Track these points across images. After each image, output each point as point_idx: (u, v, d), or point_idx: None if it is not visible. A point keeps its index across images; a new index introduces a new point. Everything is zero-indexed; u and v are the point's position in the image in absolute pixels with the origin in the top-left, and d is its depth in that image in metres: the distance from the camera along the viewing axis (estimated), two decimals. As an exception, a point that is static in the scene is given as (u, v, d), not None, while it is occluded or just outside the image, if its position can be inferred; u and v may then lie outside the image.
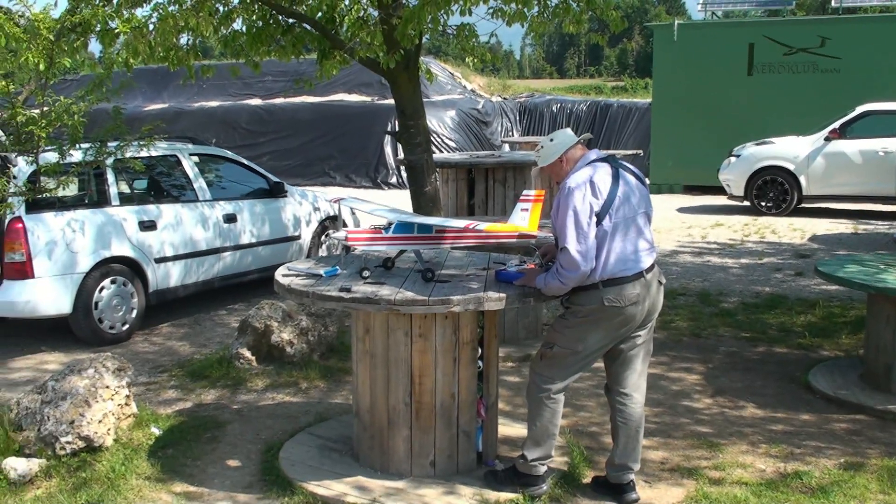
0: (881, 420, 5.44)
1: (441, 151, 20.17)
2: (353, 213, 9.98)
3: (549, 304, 6.07)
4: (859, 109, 14.28)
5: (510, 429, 5.09)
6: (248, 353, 6.56)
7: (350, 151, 21.34)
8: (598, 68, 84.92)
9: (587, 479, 4.57)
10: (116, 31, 6.69)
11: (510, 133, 23.21)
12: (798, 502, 4.31)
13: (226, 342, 7.23)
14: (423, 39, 8.00)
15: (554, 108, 23.50)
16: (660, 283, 4.30)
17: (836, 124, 14.33)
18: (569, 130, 4.40)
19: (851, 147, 14.18)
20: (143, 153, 7.64)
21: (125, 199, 7.72)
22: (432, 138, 19.84)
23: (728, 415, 5.60)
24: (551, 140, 4.34)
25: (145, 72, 23.50)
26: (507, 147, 19.99)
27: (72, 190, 7.79)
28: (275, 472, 4.67)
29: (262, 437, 5.26)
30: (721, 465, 4.78)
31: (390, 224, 4.62)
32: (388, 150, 20.80)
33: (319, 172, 21.29)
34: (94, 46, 7.46)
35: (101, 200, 7.52)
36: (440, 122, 21.52)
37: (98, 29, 6.75)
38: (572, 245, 4.01)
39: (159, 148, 8.18)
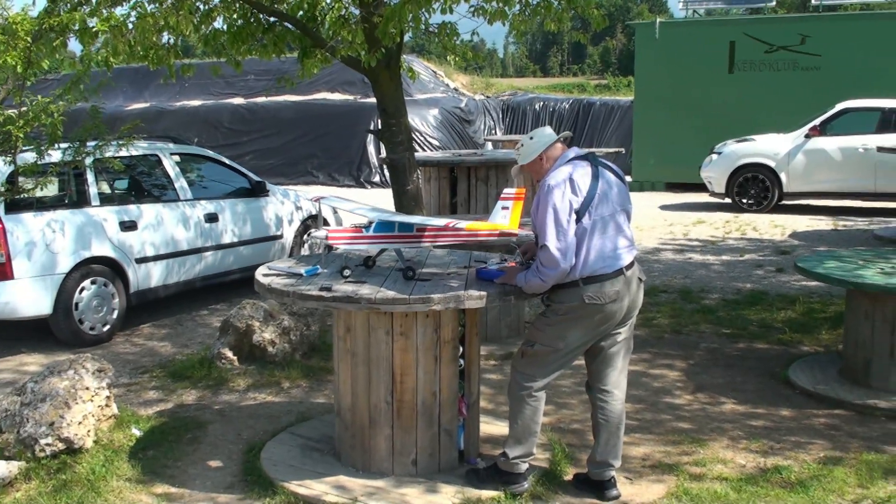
0: (860, 415, 5.48)
1: (424, 150, 20.16)
2: (335, 213, 9.97)
3: (532, 302, 6.09)
4: (839, 106, 14.38)
5: (492, 427, 5.10)
6: (229, 353, 6.54)
7: (333, 150, 21.31)
8: (581, 66, 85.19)
9: (569, 477, 4.58)
10: (95, 29, 6.64)
11: (493, 131, 23.23)
12: (777, 497, 4.34)
13: (207, 342, 7.20)
14: (405, 38, 7.99)
15: (537, 107, 23.53)
16: (640, 280, 4.31)
17: (817, 121, 14.43)
18: (548, 129, 4.42)
19: (831, 144, 14.27)
20: (123, 153, 7.60)
21: (105, 199, 7.68)
22: (415, 137, 19.85)
23: (709, 411, 5.63)
24: (531, 138, 4.35)
25: (126, 71, 23.39)
26: (489, 145, 20.02)
27: (51, 190, 7.74)
28: (256, 472, 4.66)
29: (243, 437, 5.25)
30: (702, 461, 4.80)
31: (371, 223, 4.62)
32: (371, 148, 20.77)
33: (302, 171, 21.24)
34: (76, 45, 7.42)
35: (80, 200, 7.47)
36: (423, 121, 21.51)
37: (77, 28, 6.70)
38: (552, 243, 4.02)
39: (140, 147, 8.15)
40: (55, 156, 6.68)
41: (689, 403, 5.79)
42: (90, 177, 7.53)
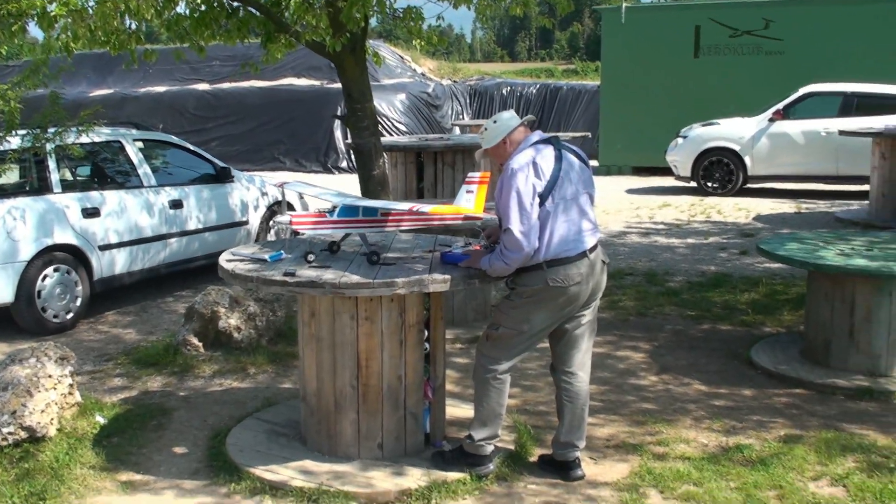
0: (820, 394, 5.57)
1: (391, 135, 20.09)
2: (301, 198, 9.93)
3: (498, 286, 6.11)
4: (802, 91, 14.52)
5: (458, 410, 5.12)
6: (195, 340, 6.50)
7: (300, 136, 21.19)
8: (549, 51, 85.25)
9: (534, 458, 4.62)
10: (54, 14, 6.55)
11: (461, 116, 23.21)
12: (739, 475, 4.40)
13: (172, 329, 7.16)
14: (371, 22, 7.97)
15: (504, 91, 23.54)
16: (603, 262, 4.35)
17: (780, 105, 14.56)
18: (511, 112, 4.42)
19: (794, 128, 14.42)
20: (86, 139, 7.51)
21: (67, 186, 7.59)
22: (383, 122, 19.80)
23: (673, 392, 5.70)
24: (494, 122, 4.36)
25: (89, 57, 23.08)
26: (457, 130, 19.99)
27: (12, 177, 7.63)
28: (222, 457, 4.65)
29: (209, 423, 5.24)
30: (665, 441, 4.86)
31: (335, 207, 4.61)
32: (338, 134, 20.69)
33: (269, 158, 21.11)
34: (38, 32, 7.31)
35: (42, 187, 7.38)
36: (390, 106, 21.45)
37: (35, 13, 6.60)
38: (515, 226, 4.04)
39: (102, 134, 8.06)
40: (14, 142, 6.58)
41: (653, 385, 5.85)
42: (51, 164, 7.42)
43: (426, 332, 4.59)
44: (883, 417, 5.18)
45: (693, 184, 15.25)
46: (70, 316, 7.40)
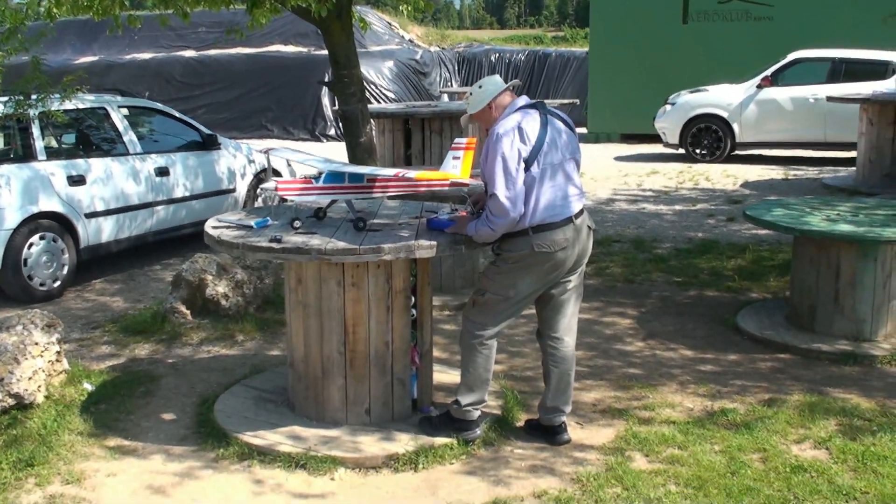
0: (804, 358, 5.62)
1: (379, 102, 19.99)
2: (289, 165, 9.85)
3: (486, 252, 6.12)
4: (790, 57, 14.49)
5: (445, 376, 5.14)
6: (182, 308, 6.50)
7: (287, 103, 21.04)
8: (538, 18, 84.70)
9: (521, 423, 4.66)
10: (35, -22, 6.48)
11: (449, 83, 23.09)
12: (723, 438, 4.45)
13: (160, 297, 7.15)
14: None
15: (492, 58, 23.42)
16: (589, 228, 4.35)
17: (768, 72, 14.53)
18: (497, 77, 4.40)
19: (782, 94, 14.41)
20: (70, 106, 7.44)
21: (52, 154, 7.54)
22: (370, 89, 19.68)
23: (659, 357, 5.74)
24: (480, 87, 4.34)
25: (74, 23, 22.80)
26: (445, 97, 19.92)
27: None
28: (210, 424, 4.66)
29: (196, 390, 5.25)
30: (651, 406, 4.90)
31: (321, 174, 4.60)
32: (326, 101, 20.55)
33: (256, 125, 20.97)
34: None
35: (26, 155, 7.32)
36: (378, 73, 21.31)
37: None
38: (501, 191, 4.03)
39: (86, 101, 7.99)
40: (-3, 109, 6.53)
41: (639, 350, 5.89)
42: (36, 131, 7.36)
43: (413, 299, 4.60)
44: (866, 381, 5.23)
45: (681, 151, 15.24)
46: (57, 284, 7.38)
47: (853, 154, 12.72)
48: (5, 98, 6.50)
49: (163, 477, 4.19)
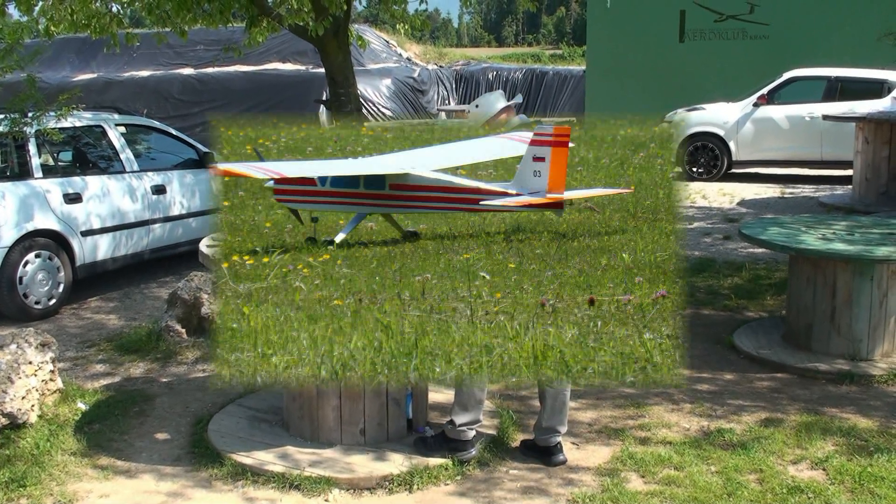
0: (801, 378, 5.60)
1: (377, 120, 20.04)
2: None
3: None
4: (786, 75, 14.52)
5: (441, 395, 5.12)
6: (177, 326, 6.48)
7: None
8: (536, 36, 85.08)
9: (516, 443, 4.63)
10: (33, -3, 6.50)
11: (447, 101, 23.17)
12: (719, 458, 4.43)
13: (156, 315, 7.12)
14: (356, 6, 7.93)
15: (490, 76, 23.53)
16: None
17: (765, 90, 14.55)
18: (493, 95, 4.42)
19: (779, 112, 14.42)
20: (67, 123, 7.45)
21: (49, 171, 7.53)
22: (368, 107, 19.74)
23: (655, 376, 5.71)
24: (476, 106, 4.35)
25: (73, 41, 22.86)
26: (443, 115, 19.95)
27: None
28: (204, 444, 4.64)
29: (191, 409, 5.23)
30: (647, 426, 4.88)
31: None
32: (324, 119, 20.58)
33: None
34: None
35: (22, 172, 7.32)
36: (376, 91, 21.38)
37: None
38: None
39: (83, 118, 8.00)
40: (-6, 127, 6.53)
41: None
42: (32, 148, 7.36)
43: (408, 318, 4.58)
44: (863, 401, 5.21)
45: (678, 169, 15.24)
46: (52, 302, 7.36)
47: (849, 172, 12.73)
48: (1, 116, 6.50)
49: (155, 497, 4.17)
